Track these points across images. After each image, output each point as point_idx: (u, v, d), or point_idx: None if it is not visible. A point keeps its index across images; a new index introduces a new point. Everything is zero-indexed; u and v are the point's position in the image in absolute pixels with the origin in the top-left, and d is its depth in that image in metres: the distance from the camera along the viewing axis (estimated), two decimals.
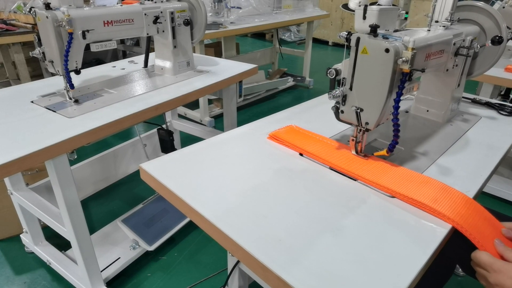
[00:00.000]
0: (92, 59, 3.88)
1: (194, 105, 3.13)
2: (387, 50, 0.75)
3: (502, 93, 2.19)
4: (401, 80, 0.78)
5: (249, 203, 0.77)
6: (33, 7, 1.21)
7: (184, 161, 0.94)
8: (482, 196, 2.16)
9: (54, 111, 1.22)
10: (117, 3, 1.46)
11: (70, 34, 1.19)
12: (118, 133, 2.63)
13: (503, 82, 1.75)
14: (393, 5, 0.87)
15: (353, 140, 0.92)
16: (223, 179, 0.86)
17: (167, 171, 0.89)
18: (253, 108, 3.56)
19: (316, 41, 6.23)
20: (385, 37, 0.78)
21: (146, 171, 0.88)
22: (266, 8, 3.39)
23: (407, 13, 5.60)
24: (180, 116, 3.16)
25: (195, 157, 0.96)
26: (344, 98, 0.86)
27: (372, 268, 0.62)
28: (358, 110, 0.84)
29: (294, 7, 3.75)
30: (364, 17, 0.83)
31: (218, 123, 3.12)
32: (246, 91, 3.49)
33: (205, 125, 3.01)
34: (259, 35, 6.84)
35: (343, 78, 0.85)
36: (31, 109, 1.24)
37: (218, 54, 3.66)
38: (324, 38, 6.45)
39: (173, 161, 0.93)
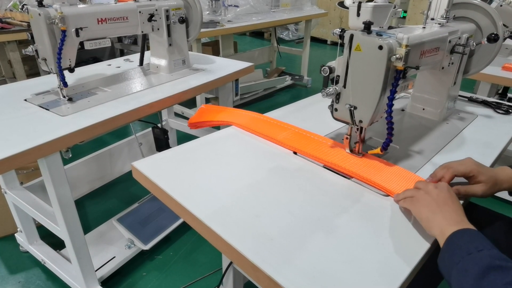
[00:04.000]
0: (89, 58, 3.86)
1: (191, 103, 3.12)
2: (380, 47, 0.74)
3: (500, 91, 2.18)
4: (395, 78, 0.78)
5: (242, 202, 0.77)
6: (25, 4, 1.19)
7: (177, 159, 0.93)
8: None
9: (47, 109, 1.21)
10: (113, 1, 1.44)
11: (63, 31, 1.18)
12: (115, 132, 2.62)
13: (500, 81, 1.75)
14: (389, 2, 0.87)
15: (347, 138, 0.91)
16: (216, 178, 0.85)
17: (159, 170, 0.88)
18: (251, 106, 3.55)
19: (314, 40, 6.22)
20: (378, 34, 0.77)
21: (138, 170, 0.87)
22: (264, 7, 3.38)
23: (405, 11, 5.59)
24: (177, 115, 3.15)
25: (188, 156, 0.95)
26: (338, 96, 0.85)
27: (365, 268, 0.61)
28: (352, 108, 0.83)
29: (292, 6, 3.74)
30: (358, 14, 0.83)
31: None
32: (244, 89, 3.48)
33: None
34: (258, 34, 6.82)
35: (337, 75, 0.84)
36: (24, 107, 1.23)
37: (216, 52, 3.64)
38: (323, 37, 6.44)
39: (165, 160, 0.93)
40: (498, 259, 0.54)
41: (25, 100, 1.29)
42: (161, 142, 1.90)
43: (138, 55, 1.81)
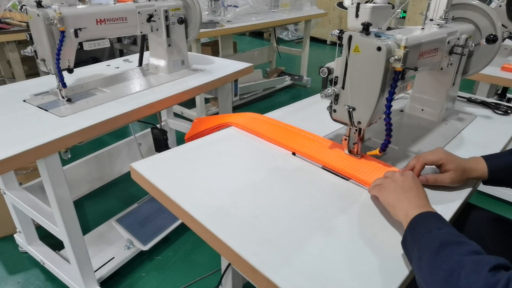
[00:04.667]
0: (88, 58, 3.86)
1: (190, 104, 3.12)
2: (379, 48, 0.74)
3: (499, 92, 2.18)
4: (394, 79, 0.78)
5: (240, 203, 0.77)
6: (24, 5, 1.19)
7: (176, 160, 0.93)
8: (479, 196, 2.15)
9: (46, 110, 1.21)
10: (113, 2, 1.44)
11: (62, 32, 1.18)
12: (114, 132, 2.62)
13: (499, 81, 1.74)
14: (388, 3, 0.86)
15: (345, 139, 0.91)
16: (215, 179, 0.85)
17: (158, 171, 0.88)
18: (250, 107, 3.55)
19: (314, 40, 6.21)
20: (377, 35, 0.77)
21: (137, 171, 0.87)
22: (263, 7, 3.38)
23: (405, 12, 5.59)
24: (177, 115, 3.14)
25: (187, 156, 0.95)
26: (337, 97, 0.85)
27: (363, 269, 0.61)
28: (351, 109, 0.83)
29: (291, 6, 3.73)
30: (357, 15, 0.82)
31: None
32: (243, 90, 3.48)
33: None
34: (257, 34, 6.82)
35: (336, 76, 0.84)
36: (22, 108, 1.23)
37: (215, 52, 3.64)
38: (322, 37, 6.44)
39: (164, 161, 0.93)
40: (455, 236, 0.58)
41: (24, 100, 1.29)
42: (160, 143, 1.90)
43: (137, 56, 1.81)
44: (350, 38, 0.78)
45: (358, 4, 0.82)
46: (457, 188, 0.83)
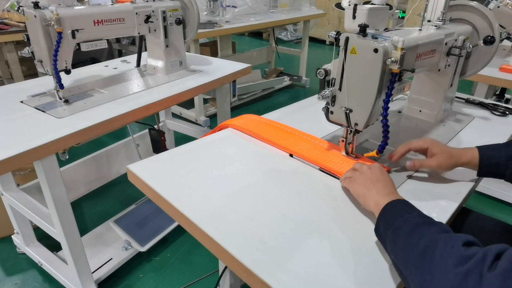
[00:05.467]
0: (87, 58, 3.86)
1: (189, 104, 3.12)
2: (375, 50, 0.74)
3: (497, 92, 2.19)
4: (391, 81, 0.77)
5: (236, 205, 0.76)
6: (21, 6, 1.19)
7: (173, 162, 0.93)
8: (477, 196, 2.15)
9: (44, 111, 1.21)
10: (111, 3, 1.44)
11: (59, 33, 1.17)
12: (113, 133, 2.62)
13: (497, 82, 1.75)
14: (387, 4, 0.86)
15: (343, 141, 0.91)
16: (212, 181, 0.85)
17: (154, 173, 0.87)
18: (249, 107, 3.54)
19: (313, 40, 6.22)
20: (374, 37, 0.77)
21: (133, 173, 0.87)
22: (262, 7, 3.37)
23: (404, 12, 5.59)
24: (175, 115, 3.15)
25: (184, 158, 0.95)
26: (333, 98, 0.85)
27: (359, 272, 0.61)
28: (347, 111, 0.83)
29: (290, 6, 3.73)
30: (354, 17, 0.82)
31: (214, 123, 3.11)
32: (242, 90, 3.48)
33: (200, 125, 2.99)
34: (256, 34, 6.82)
35: (333, 78, 0.84)
36: (20, 109, 1.23)
37: (214, 53, 3.64)
38: (321, 37, 6.43)
39: (161, 162, 0.92)
40: (425, 218, 0.62)
41: (21, 102, 1.29)
42: (158, 144, 1.90)
43: (135, 56, 1.80)
44: (347, 39, 0.78)
45: (355, 5, 0.82)
46: (453, 190, 0.83)
